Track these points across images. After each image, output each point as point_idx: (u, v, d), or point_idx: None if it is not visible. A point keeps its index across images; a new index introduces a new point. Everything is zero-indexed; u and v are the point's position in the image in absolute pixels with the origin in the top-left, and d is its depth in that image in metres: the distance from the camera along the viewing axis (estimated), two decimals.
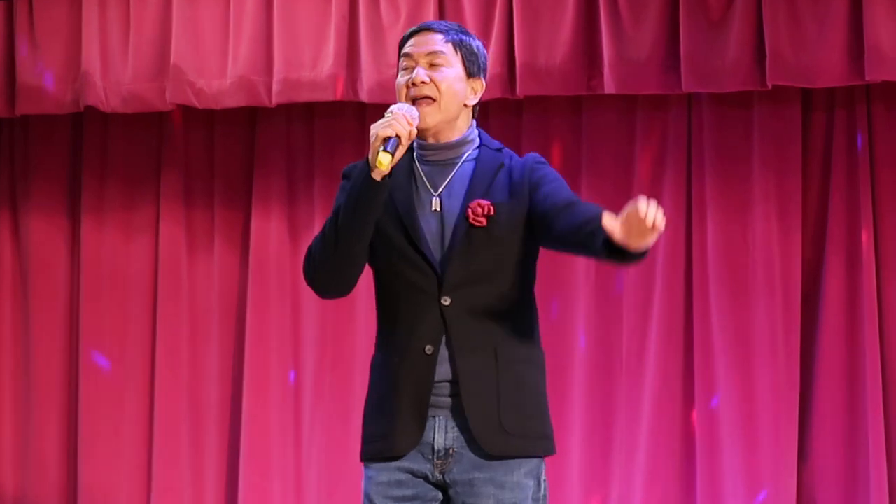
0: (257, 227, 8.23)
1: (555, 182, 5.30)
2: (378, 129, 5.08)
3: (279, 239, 8.24)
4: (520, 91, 7.79)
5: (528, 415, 5.26)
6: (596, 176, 7.99)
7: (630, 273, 7.97)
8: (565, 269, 7.83)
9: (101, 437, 8.41)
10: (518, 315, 5.31)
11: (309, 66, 7.90)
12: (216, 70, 8.02)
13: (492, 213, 5.16)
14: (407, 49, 5.34)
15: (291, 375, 8.28)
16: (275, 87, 7.95)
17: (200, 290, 8.39)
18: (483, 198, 5.18)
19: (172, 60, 8.00)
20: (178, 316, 8.36)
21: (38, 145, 8.54)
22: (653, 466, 7.87)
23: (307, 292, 7.74)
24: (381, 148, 5.04)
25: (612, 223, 4.85)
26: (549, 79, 7.79)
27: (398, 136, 5.05)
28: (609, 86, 7.74)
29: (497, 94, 7.81)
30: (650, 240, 4.82)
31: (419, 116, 5.21)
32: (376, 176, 5.08)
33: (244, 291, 8.26)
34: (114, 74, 8.09)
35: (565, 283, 7.86)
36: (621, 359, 7.98)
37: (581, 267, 8.04)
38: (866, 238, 7.74)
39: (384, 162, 5.01)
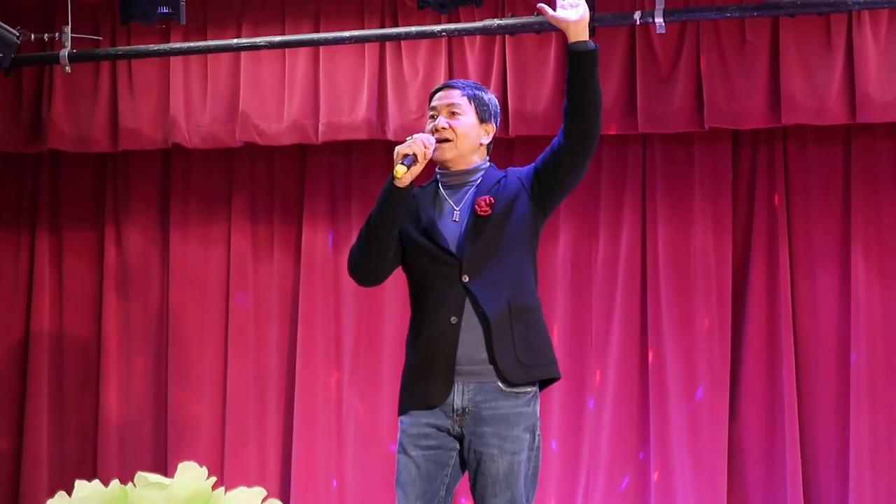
0: (307, 239, 8.20)
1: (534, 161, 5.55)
2: (399, 148, 5.22)
3: (324, 248, 8.18)
4: (512, 132, 7.76)
5: (537, 350, 5.40)
6: (570, 198, 7.81)
7: (597, 275, 7.92)
8: (548, 271, 7.80)
9: (188, 395, 8.36)
10: (521, 277, 5.44)
11: (347, 112, 7.89)
12: (275, 115, 7.99)
13: (493, 202, 5.33)
14: (433, 102, 5.47)
15: (335, 334, 8.22)
16: (320, 129, 7.95)
17: (263, 288, 8.34)
18: (487, 195, 5.38)
19: (241, 108, 8.00)
20: (245, 307, 8.31)
21: (136, 174, 8.48)
22: (614, 423, 7.79)
23: (347, 289, 8.22)
24: (400, 162, 5.19)
25: (550, 11, 5.28)
26: (535, 122, 7.76)
27: (414, 155, 5.18)
28: None
29: (497, 134, 7.93)
30: (580, 5, 5.25)
31: (439, 150, 5.37)
32: (397, 184, 5.23)
33: (297, 288, 8.23)
34: (195, 119, 8.10)
35: (547, 281, 7.81)
36: (591, 339, 7.91)
37: (559, 268, 7.96)
38: (782, 247, 7.69)
39: (400, 172, 5.16)
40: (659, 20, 7.13)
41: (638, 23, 7.28)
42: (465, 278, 5.34)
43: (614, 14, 7.33)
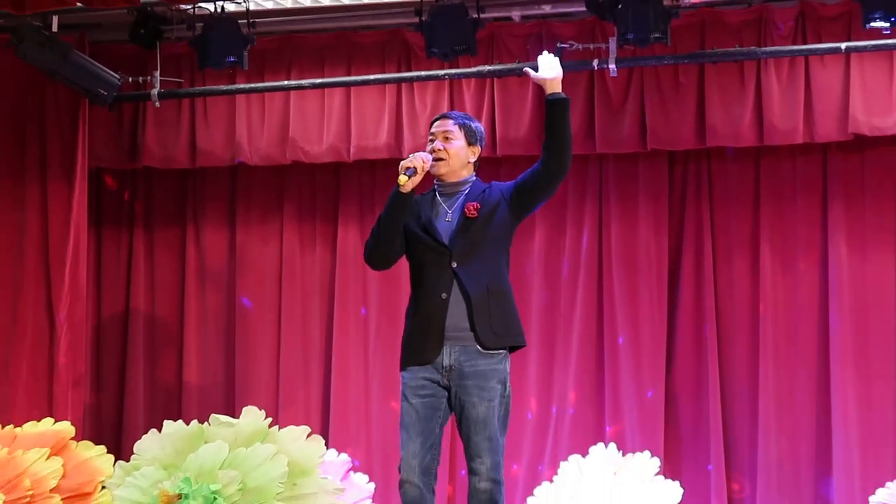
0: (341, 237, 8.20)
1: (515, 179, 5.56)
2: (403, 162, 5.33)
3: (355, 244, 8.11)
4: (499, 152, 7.75)
5: (507, 323, 5.44)
6: (553, 199, 7.86)
7: (565, 261, 7.87)
8: (526, 259, 7.83)
9: (250, 357, 8.35)
10: (497, 267, 5.48)
11: (372, 137, 7.89)
12: (316, 139, 7.98)
13: (479, 207, 5.38)
14: (433, 128, 5.53)
15: (363, 311, 8.19)
16: (352, 150, 7.94)
17: (307, 275, 8.29)
18: (475, 201, 5.42)
19: (290, 134, 8.00)
20: (294, 288, 8.28)
21: (210, 186, 8.48)
22: (578, 377, 7.78)
23: (372, 276, 8.10)
24: (403, 173, 5.28)
25: (533, 73, 5.49)
26: (517, 144, 7.74)
27: (414, 168, 5.27)
28: None
29: (485, 153, 7.73)
30: (556, 68, 5.43)
31: (436, 166, 5.43)
32: (401, 190, 5.32)
33: (333, 276, 8.22)
34: (255, 142, 8.08)
35: (525, 267, 7.85)
36: (559, 316, 7.88)
37: (535, 256, 7.92)
38: (707, 240, 7.70)
39: (403, 181, 5.25)
40: (612, 66, 7.11)
41: (596, 68, 7.26)
42: (454, 265, 5.38)
43: (578, 61, 7.23)
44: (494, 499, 5.39)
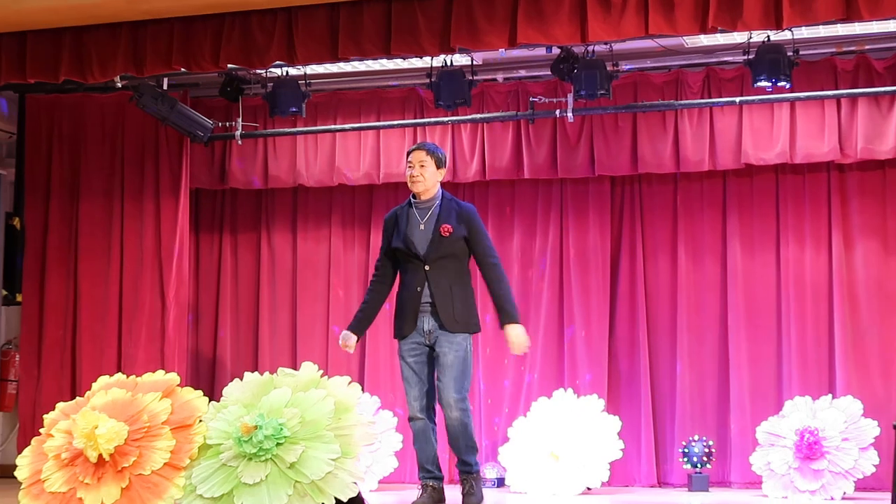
0: (373, 239, 8.03)
1: (479, 234, 5.45)
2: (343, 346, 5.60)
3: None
4: (487, 177, 7.71)
5: (467, 313, 5.51)
6: (520, 213, 7.81)
7: (535, 258, 7.76)
8: (505, 263, 7.40)
9: (307, 327, 8.14)
10: (461, 273, 5.53)
11: (395, 165, 7.80)
12: (355, 167, 7.90)
13: (451, 230, 5.43)
14: (409, 158, 5.55)
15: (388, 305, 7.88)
16: (381, 175, 7.87)
17: (349, 267, 8.14)
18: (446, 223, 5.44)
19: (336, 163, 7.94)
20: (339, 277, 8.13)
21: (278, 202, 8.23)
22: (544, 346, 7.67)
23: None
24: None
25: (508, 337, 5.46)
26: (500, 171, 7.64)
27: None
28: (528, 174, 7.62)
29: (476, 178, 7.71)
30: (522, 351, 5.53)
31: (414, 186, 5.44)
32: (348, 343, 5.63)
33: (367, 266, 7.98)
34: (310, 169, 7.99)
35: (505, 262, 7.29)
36: (531, 300, 7.71)
37: (514, 254, 7.78)
38: (639, 244, 7.65)
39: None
40: (570, 114, 7.08)
41: (558, 116, 7.21)
42: (427, 268, 5.46)
43: (545, 111, 7.21)
44: (464, 422, 5.44)
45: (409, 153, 5.61)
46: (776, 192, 7.48)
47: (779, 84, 6.59)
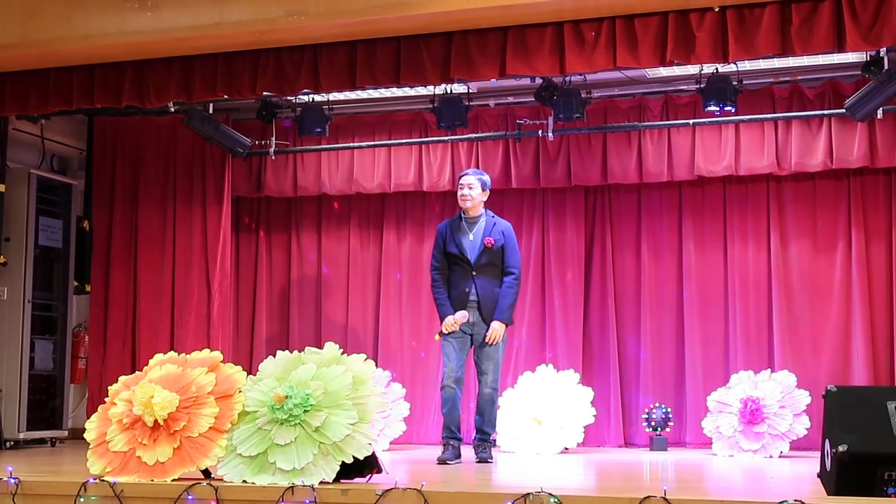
0: (385, 239, 7.99)
1: (511, 248, 5.48)
2: (443, 327, 5.52)
3: (394, 243, 7.92)
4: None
5: (506, 311, 5.63)
6: (509, 217, 6.86)
7: (532, 255, 7.63)
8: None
9: (330, 313, 8.03)
10: (500, 276, 5.64)
11: (404, 177, 7.73)
12: (370, 179, 7.83)
13: (493, 242, 5.59)
14: (461, 181, 5.72)
15: (398, 276, 7.89)
16: (392, 185, 7.77)
17: (365, 262, 8.01)
18: (490, 236, 5.60)
19: (354, 175, 7.87)
20: (356, 271, 8.03)
21: (306, 207, 8.18)
22: (529, 325, 7.59)
23: (403, 260, 7.88)
24: (441, 333, 5.49)
25: (490, 327, 5.47)
26: (492, 181, 6.61)
27: (450, 332, 5.52)
28: (515, 184, 7.54)
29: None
30: (494, 342, 5.48)
31: (464, 204, 5.52)
32: (440, 333, 5.54)
33: (380, 261, 7.95)
34: (332, 180, 7.93)
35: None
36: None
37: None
38: (608, 241, 7.60)
39: (438, 337, 5.51)
40: (550, 134, 7.01)
41: (540, 136, 7.17)
42: (474, 273, 5.53)
43: (530, 131, 7.12)
44: (493, 399, 5.50)
45: (461, 176, 5.71)
46: (724, 200, 7.45)
47: (725, 108, 6.57)
